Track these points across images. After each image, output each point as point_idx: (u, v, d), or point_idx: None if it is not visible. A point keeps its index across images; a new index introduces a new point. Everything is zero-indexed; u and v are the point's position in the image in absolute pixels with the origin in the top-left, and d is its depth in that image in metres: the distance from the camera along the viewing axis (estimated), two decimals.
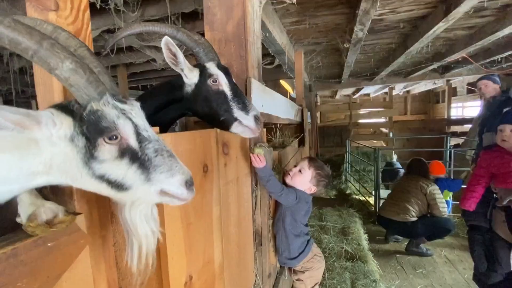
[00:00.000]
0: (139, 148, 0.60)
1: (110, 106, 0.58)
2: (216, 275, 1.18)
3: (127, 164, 0.59)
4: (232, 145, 1.33)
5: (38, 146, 0.56)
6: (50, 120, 0.55)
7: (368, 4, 2.39)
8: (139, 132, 0.61)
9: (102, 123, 0.56)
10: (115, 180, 0.59)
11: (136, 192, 0.61)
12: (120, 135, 0.58)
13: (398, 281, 2.96)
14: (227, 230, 1.28)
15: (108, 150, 0.58)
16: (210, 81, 1.16)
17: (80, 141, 0.57)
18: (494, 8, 3.09)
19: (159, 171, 0.61)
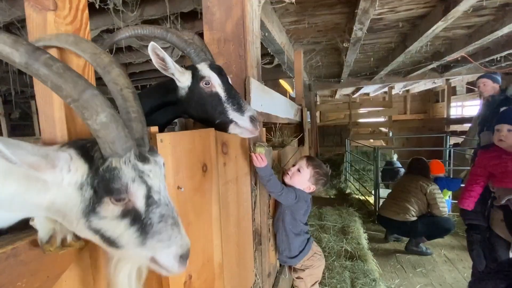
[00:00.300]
0: (145, 211, 0.58)
1: (129, 166, 0.56)
2: (216, 274, 1.18)
3: (126, 225, 0.57)
4: (232, 145, 1.33)
5: (46, 184, 0.55)
6: (66, 165, 0.54)
7: (367, 3, 2.39)
8: (150, 195, 0.59)
9: (115, 184, 0.54)
10: (109, 237, 0.57)
11: (127, 252, 0.58)
12: (128, 198, 0.56)
13: (398, 280, 2.97)
14: (227, 229, 1.28)
15: (111, 208, 0.56)
16: (202, 84, 1.12)
17: (87, 192, 0.55)
18: (493, 7, 3.09)
19: (157, 238, 0.58)
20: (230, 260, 1.31)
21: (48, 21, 0.77)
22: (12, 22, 2.92)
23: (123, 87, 0.62)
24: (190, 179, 0.98)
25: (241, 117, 1.15)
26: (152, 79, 6.13)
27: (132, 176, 0.56)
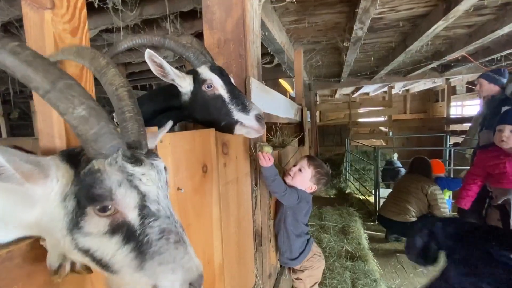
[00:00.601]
0: (140, 226, 0.48)
1: (115, 167, 0.47)
2: (216, 275, 1.17)
3: (117, 244, 0.47)
4: (232, 145, 1.32)
5: (32, 198, 0.48)
6: (54, 174, 0.48)
7: (368, 3, 2.38)
8: (145, 205, 0.49)
9: (96, 189, 0.45)
10: (100, 259, 0.47)
11: (124, 279, 0.48)
12: (115, 207, 0.47)
13: (399, 280, 2.95)
14: (227, 230, 1.27)
15: (96, 222, 0.46)
16: (204, 87, 1.10)
17: (70, 203, 0.47)
18: (494, 6, 3.08)
19: (157, 260, 0.47)
20: (230, 261, 1.29)
21: (45, 20, 0.76)
22: (10, 21, 2.91)
23: (118, 87, 0.55)
24: (190, 179, 0.97)
25: (247, 116, 1.13)
26: (152, 79, 6.12)
27: (118, 179, 0.47)
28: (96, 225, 0.46)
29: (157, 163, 0.53)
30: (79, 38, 0.84)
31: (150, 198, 0.50)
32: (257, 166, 1.64)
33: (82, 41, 0.84)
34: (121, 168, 0.47)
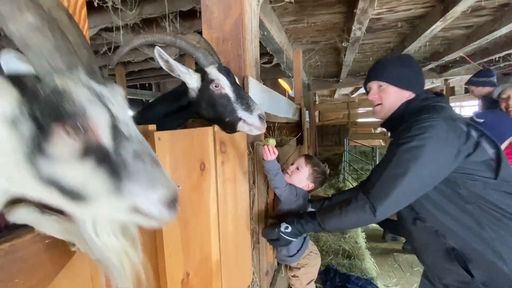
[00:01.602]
0: (113, 147, 0.44)
1: (81, 84, 0.42)
2: (214, 272, 1.19)
3: (91, 167, 0.42)
4: (230, 144, 1.33)
5: None
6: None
7: (366, 3, 2.40)
8: (116, 125, 0.45)
9: (65, 105, 0.40)
10: (71, 188, 0.42)
11: (98, 206, 0.44)
12: (88, 126, 0.42)
13: (395, 279, 2.98)
14: (225, 227, 1.29)
15: (66, 144, 0.41)
16: (212, 86, 1.17)
17: (26, 127, 0.40)
18: (492, 7, 3.10)
19: (134, 179, 0.43)
20: (228, 258, 1.31)
21: None
22: None
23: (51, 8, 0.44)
24: (188, 177, 0.99)
25: (250, 115, 1.19)
26: (151, 78, 6.13)
27: (88, 95, 0.42)
28: (67, 146, 0.41)
29: (117, 88, 0.48)
30: None
31: (121, 120, 0.45)
32: (254, 165, 1.66)
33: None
34: (87, 85, 0.42)
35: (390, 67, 1.38)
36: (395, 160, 1.20)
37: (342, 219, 1.29)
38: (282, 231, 1.46)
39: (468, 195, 1.17)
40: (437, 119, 1.17)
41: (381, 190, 1.19)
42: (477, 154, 1.16)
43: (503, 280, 1.13)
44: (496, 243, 1.13)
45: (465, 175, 1.17)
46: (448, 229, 1.22)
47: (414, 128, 1.19)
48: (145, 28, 3.11)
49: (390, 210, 1.21)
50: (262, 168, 1.71)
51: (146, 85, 7.27)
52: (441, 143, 1.14)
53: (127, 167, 0.44)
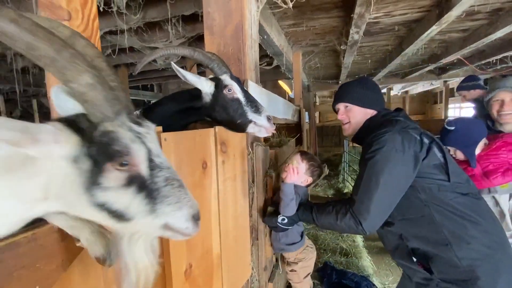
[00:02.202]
0: (149, 176, 0.55)
1: (125, 128, 0.52)
2: (214, 265, 1.26)
3: (133, 193, 0.53)
4: (230, 144, 1.41)
5: (35, 165, 0.50)
6: (50, 137, 0.49)
7: (363, 9, 2.47)
8: (152, 158, 0.56)
9: (114, 146, 0.50)
10: (116, 210, 0.53)
11: (137, 224, 0.55)
12: (130, 161, 0.52)
13: (392, 277, 3.04)
14: (225, 224, 1.36)
15: (115, 176, 0.51)
16: (226, 91, 1.31)
17: (85, 164, 0.50)
18: (487, 12, 3.17)
19: (166, 202, 0.55)
20: (228, 252, 1.38)
21: None
22: None
23: (93, 57, 0.55)
24: (191, 175, 1.06)
25: (259, 117, 1.33)
26: (153, 79, 6.21)
27: (130, 136, 0.52)
28: (115, 179, 0.52)
29: (150, 125, 0.59)
30: None
31: (154, 153, 0.56)
32: (253, 165, 1.73)
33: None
34: (130, 128, 0.53)
35: (354, 90, 1.56)
36: (365, 175, 1.34)
37: (335, 225, 1.43)
38: (279, 222, 1.63)
39: (427, 198, 1.30)
40: (392, 133, 1.32)
41: (362, 205, 1.32)
42: (430, 158, 1.30)
43: (458, 272, 1.25)
44: (452, 242, 1.25)
45: (422, 179, 1.30)
46: (410, 233, 1.36)
47: (374, 143, 1.34)
48: (148, 32, 3.19)
49: (376, 222, 1.34)
50: (260, 167, 1.77)
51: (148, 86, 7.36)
52: (400, 154, 1.28)
53: (160, 191, 0.55)
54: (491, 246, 1.25)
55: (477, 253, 1.24)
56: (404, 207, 1.34)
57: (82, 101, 0.49)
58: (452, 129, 1.95)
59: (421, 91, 11.05)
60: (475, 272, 1.21)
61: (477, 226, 1.26)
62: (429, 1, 2.81)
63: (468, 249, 1.24)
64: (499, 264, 1.24)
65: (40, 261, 0.68)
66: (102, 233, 0.63)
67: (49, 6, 0.85)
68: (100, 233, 0.63)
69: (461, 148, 1.97)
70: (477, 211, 1.28)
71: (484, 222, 1.27)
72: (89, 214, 0.55)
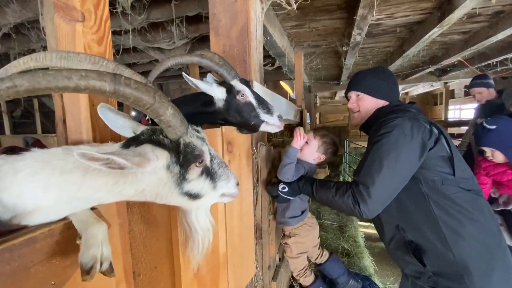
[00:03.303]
0: (210, 165, 0.77)
1: (195, 137, 0.73)
2: (221, 263, 1.27)
3: (204, 179, 0.75)
4: (236, 144, 1.42)
5: (137, 177, 0.66)
6: (154, 155, 0.66)
7: (366, 10, 2.49)
8: (210, 153, 0.77)
9: (195, 152, 0.71)
10: (195, 193, 0.74)
11: (205, 199, 0.77)
12: (204, 159, 0.74)
13: (393, 278, 3.06)
14: (230, 222, 1.37)
15: (196, 171, 0.73)
16: (239, 96, 1.37)
17: (175, 168, 0.69)
18: (488, 14, 3.20)
19: (221, 179, 0.79)
20: (233, 251, 1.40)
21: (76, 31, 0.86)
22: (22, 23, 3.02)
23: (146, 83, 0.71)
24: None
25: (271, 117, 1.42)
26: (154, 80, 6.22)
27: (200, 142, 0.74)
28: (196, 173, 0.73)
29: (201, 129, 0.80)
30: (104, 47, 0.95)
31: (211, 149, 0.79)
32: (258, 164, 1.74)
33: (106, 49, 0.95)
34: (198, 137, 0.74)
35: (367, 79, 1.54)
36: (370, 157, 1.32)
37: (332, 201, 1.40)
38: (280, 190, 1.65)
39: (428, 191, 1.28)
40: (402, 119, 1.31)
41: (363, 187, 1.29)
42: (437, 149, 1.28)
43: (451, 267, 1.26)
44: (448, 237, 1.25)
45: (427, 170, 1.28)
46: (408, 224, 1.35)
47: (383, 127, 1.32)
48: (152, 32, 3.21)
49: (375, 206, 1.30)
50: (264, 167, 1.79)
51: None
52: (408, 139, 1.26)
53: (217, 173, 0.79)
54: (487, 244, 1.25)
55: (472, 249, 1.23)
56: (404, 198, 1.32)
57: (167, 126, 0.66)
58: (492, 128, 1.82)
59: (421, 92, 11.07)
60: (468, 268, 1.22)
61: (475, 223, 1.25)
62: (431, 3, 2.83)
63: (464, 245, 1.24)
64: (493, 262, 1.24)
65: (56, 257, 0.70)
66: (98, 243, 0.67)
67: (63, 8, 0.87)
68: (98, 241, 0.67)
69: (502, 149, 1.84)
70: (477, 208, 1.27)
71: (483, 220, 1.27)
72: (176, 200, 0.74)
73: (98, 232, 0.68)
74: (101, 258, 0.65)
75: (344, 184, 1.39)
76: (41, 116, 7.60)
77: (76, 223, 0.70)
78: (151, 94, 0.60)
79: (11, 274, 0.60)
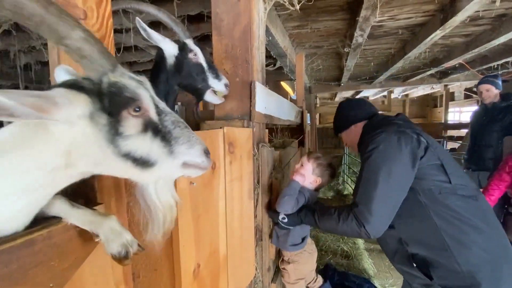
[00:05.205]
0: (159, 121, 0.58)
1: (127, 77, 0.55)
2: (221, 265, 1.26)
3: (151, 138, 0.56)
4: (237, 145, 1.41)
5: (52, 133, 0.50)
6: (65, 98, 0.49)
7: (368, 12, 2.48)
8: (156, 104, 0.59)
9: (125, 93, 0.52)
10: (140, 157, 0.55)
11: (161, 168, 0.58)
12: (142, 106, 0.55)
13: (392, 280, 3.05)
14: (231, 224, 1.36)
15: (133, 123, 0.54)
16: (191, 55, 1.38)
17: (101, 118, 0.51)
18: (490, 17, 3.19)
19: (180, 142, 0.59)
20: (233, 253, 1.39)
21: None
22: None
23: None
24: (201, 176, 1.06)
25: (219, 83, 1.42)
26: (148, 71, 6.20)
27: (135, 84, 0.55)
28: (134, 125, 0.54)
29: (143, 76, 0.61)
30: (106, 45, 0.93)
31: (156, 100, 0.60)
32: (259, 166, 1.73)
33: (108, 47, 0.93)
34: (131, 77, 0.56)
35: (336, 121, 1.76)
36: (364, 175, 1.35)
37: (337, 228, 1.40)
38: (280, 219, 1.66)
39: (427, 202, 1.27)
40: (387, 132, 1.34)
41: (363, 206, 1.30)
42: (428, 157, 1.29)
43: (458, 278, 1.23)
44: (452, 247, 1.23)
45: (422, 180, 1.28)
46: (410, 237, 1.34)
47: (370, 143, 1.36)
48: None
49: (380, 224, 1.30)
50: (266, 168, 1.78)
51: None
52: (397, 151, 1.29)
53: (172, 133, 0.59)
54: (492, 252, 1.22)
55: (478, 258, 1.21)
56: (404, 210, 1.31)
57: (80, 57, 0.50)
58: None
59: (421, 94, 11.09)
60: (476, 278, 1.19)
61: (478, 231, 1.23)
62: (433, 5, 2.82)
63: (469, 254, 1.21)
64: (501, 270, 1.21)
65: (55, 259, 0.68)
66: (120, 232, 0.64)
67: (65, 5, 0.85)
68: (118, 231, 0.64)
69: None
70: (479, 215, 1.26)
71: (486, 228, 1.24)
72: (115, 167, 0.57)
73: (113, 224, 0.64)
74: (129, 244, 0.62)
75: (345, 208, 1.39)
76: None
77: (86, 225, 0.67)
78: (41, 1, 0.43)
79: (8, 276, 0.59)
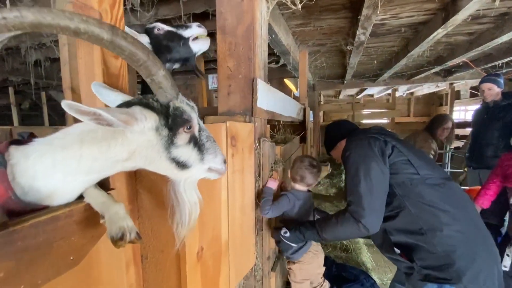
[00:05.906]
0: (199, 135, 0.78)
1: (185, 103, 0.75)
2: (223, 251, 1.35)
3: (192, 148, 0.76)
4: (240, 139, 1.49)
5: (126, 137, 0.68)
6: (143, 115, 0.68)
7: (370, 11, 2.53)
8: (198, 123, 0.79)
9: (184, 116, 0.73)
10: (183, 161, 0.75)
11: (193, 170, 0.78)
12: (192, 125, 0.75)
13: (390, 274, 3.11)
14: (233, 213, 1.44)
15: (184, 137, 0.74)
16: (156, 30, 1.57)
17: (164, 131, 0.71)
18: (493, 16, 3.20)
19: (209, 153, 0.80)
20: (234, 240, 1.47)
21: None
22: None
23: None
24: None
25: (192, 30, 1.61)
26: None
27: (189, 109, 0.76)
28: (184, 139, 0.74)
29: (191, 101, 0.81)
30: None
31: (199, 120, 0.80)
32: (260, 159, 1.81)
33: None
34: (187, 104, 0.77)
35: (326, 143, 2.00)
36: (348, 176, 1.58)
37: (340, 231, 1.56)
38: (282, 234, 1.76)
39: (403, 193, 1.46)
40: (357, 138, 1.66)
41: (355, 203, 1.49)
42: (395, 154, 1.51)
43: (435, 258, 1.38)
44: (427, 231, 1.39)
45: (396, 175, 1.49)
46: (392, 227, 1.51)
47: (347, 150, 1.63)
48: None
49: (374, 216, 1.46)
50: (266, 162, 1.86)
51: None
52: (369, 149, 1.53)
53: (205, 145, 0.80)
54: (465, 232, 1.37)
55: (451, 239, 1.36)
56: (386, 204, 1.50)
57: (158, 87, 0.69)
58: None
59: (427, 92, 11.01)
60: (451, 257, 1.33)
61: (448, 214, 1.39)
62: (435, 4, 2.85)
63: (442, 236, 1.36)
64: (473, 247, 1.36)
65: (75, 234, 0.77)
66: (123, 217, 0.73)
67: (82, 8, 0.93)
68: (122, 216, 0.73)
69: None
70: (447, 200, 1.42)
71: (455, 211, 1.40)
72: (163, 166, 0.76)
73: (119, 209, 0.75)
74: (128, 229, 0.71)
75: (341, 211, 1.57)
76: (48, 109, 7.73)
77: (96, 206, 0.77)
78: (145, 51, 0.63)
79: (36, 247, 0.68)
